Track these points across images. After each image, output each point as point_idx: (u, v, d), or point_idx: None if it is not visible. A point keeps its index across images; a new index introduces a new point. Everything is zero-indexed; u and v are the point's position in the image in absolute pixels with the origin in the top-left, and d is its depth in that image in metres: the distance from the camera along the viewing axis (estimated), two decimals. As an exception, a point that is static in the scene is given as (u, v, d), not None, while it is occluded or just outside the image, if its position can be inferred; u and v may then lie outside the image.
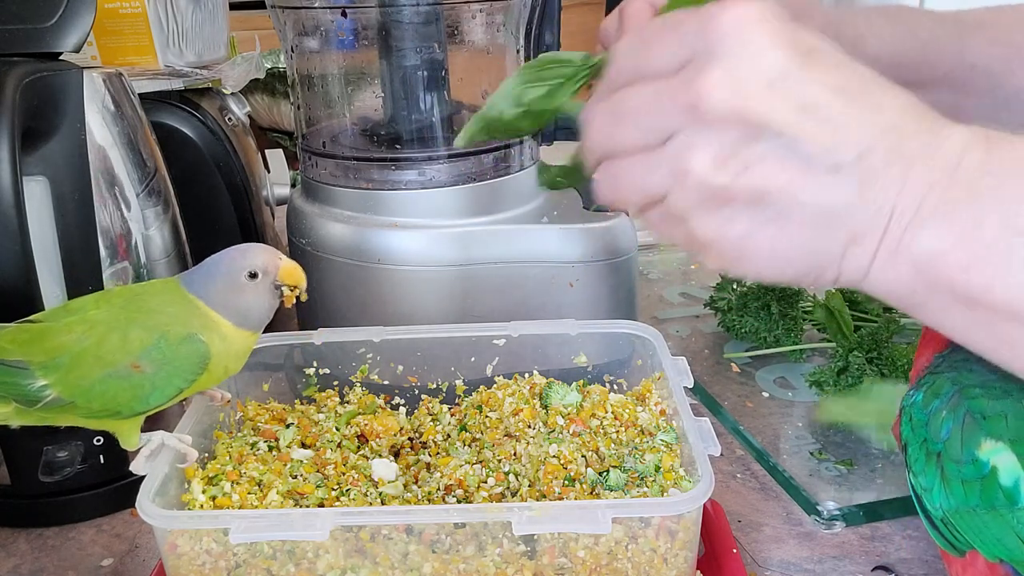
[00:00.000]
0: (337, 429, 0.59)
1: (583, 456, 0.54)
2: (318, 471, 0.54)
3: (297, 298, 0.52)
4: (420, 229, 0.71)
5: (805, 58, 0.32)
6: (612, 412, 0.59)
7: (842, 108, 0.32)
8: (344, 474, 0.54)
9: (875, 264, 0.33)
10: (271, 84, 1.47)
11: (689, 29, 0.33)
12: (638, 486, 0.52)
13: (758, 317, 0.84)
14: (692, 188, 0.33)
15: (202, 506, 0.51)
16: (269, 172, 0.97)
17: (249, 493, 0.52)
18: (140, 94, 0.69)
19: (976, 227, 0.31)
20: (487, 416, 0.60)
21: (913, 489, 0.47)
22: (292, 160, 0.98)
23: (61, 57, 0.61)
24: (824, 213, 0.33)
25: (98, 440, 0.62)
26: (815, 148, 0.32)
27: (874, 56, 0.53)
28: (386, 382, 0.65)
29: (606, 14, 0.81)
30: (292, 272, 0.52)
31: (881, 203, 0.32)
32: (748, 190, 0.33)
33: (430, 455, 0.58)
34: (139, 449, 0.51)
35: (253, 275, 0.51)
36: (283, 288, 0.52)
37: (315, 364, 0.65)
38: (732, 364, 0.83)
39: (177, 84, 0.85)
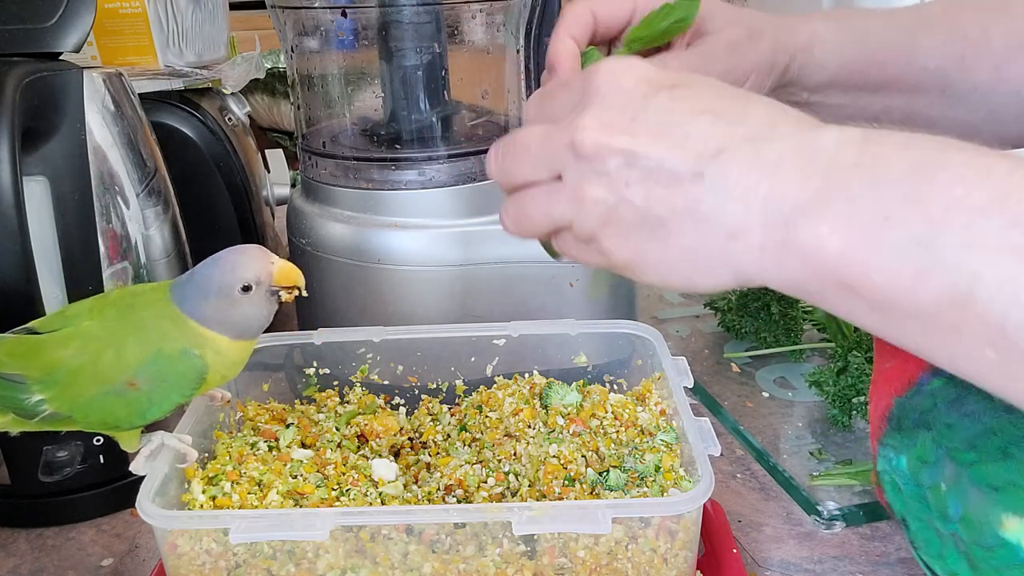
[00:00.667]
0: (337, 429, 0.59)
1: (583, 456, 0.54)
2: (318, 471, 0.54)
3: (299, 295, 0.51)
4: (420, 229, 0.71)
5: (667, 91, 0.38)
6: (612, 412, 0.59)
7: (699, 125, 0.36)
8: (344, 474, 0.54)
9: (765, 259, 0.35)
10: (271, 84, 1.47)
11: (576, 84, 0.40)
12: (638, 486, 0.52)
13: (758, 317, 0.84)
14: (590, 213, 0.38)
15: (202, 506, 0.51)
16: (269, 172, 0.97)
17: (249, 493, 0.52)
18: (140, 94, 0.69)
19: (850, 215, 0.33)
20: (487, 416, 0.60)
21: (927, 566, 0.43)
22: (292, 160, 0.98)
23: (61, 57, 0.61)
24: (697, 217, 0.36)
25: (98, 440, 0.62)
26: (676, 161, 0.36)
27: (820, 64, 0.54)
28: (386, 382, 0.65)
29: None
30: (288, 274, 0.50)
31: (750, 200, 0.35)
32: (631, 207, 0.37)
33: (430, 455, 0.58)
34: (139, 449, 0.51)
35: (247, 288, 0.48)
36: (280, 293, 0.50)
37: (315, 364, 0.65)
38: (732, 364, 0.83)
39: (177, 84, 0.85)
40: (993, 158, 0.31)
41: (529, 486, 0.52)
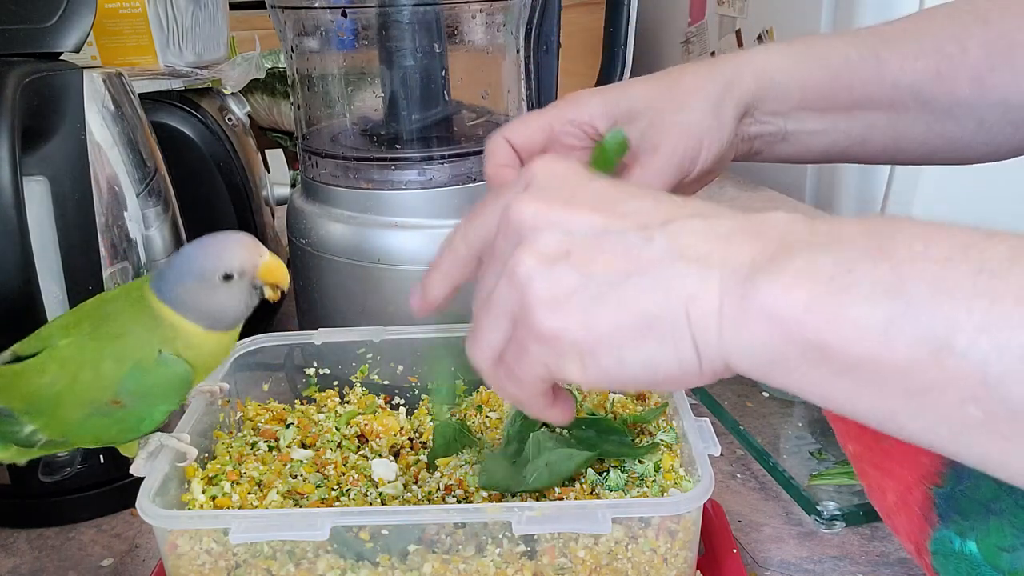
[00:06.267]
0: (337, 429, 0.59)
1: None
2: (318, 471, 0.54)
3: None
4: (420, 229, 0.71)
5: (600, 182, 0.38)
6: (612, 412, 0.59)
7: (642, 203, 0.35)
8: (344, 474, 0.54)
9: (725, 324, 0.32)
10: (271, 84, 1.47)
11: (519, 177, 0.39)
12: (638, 486, 0.52)
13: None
14: (527, 287, 0.35)
15: (202, 506, 0.51)
16: (269, 172, 0.97)
17: (249, 493, 0.52)
18: (140, 94, 0.69)
19: (812, 269, 0.31)
20: (487, 416, 0.60)
21: None
22: (292, 160, 0.98)
23: (61, 57, 0.61)
24: (648, 277, 0.33)
25: (98, 440, 0.62)
26: (621, 227, 0.34)
27: (784, 88, 0.53)
28: (386, 382, 0.65)
29: (606, 14, 0.81)
30: (274, 270, 0.47)
31: (706, 262, 0.33)
32: (573, 273, 0.34)
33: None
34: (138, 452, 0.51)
35: (228, 276, 0.46)
36: (264, 288, 0.47)
37: (315, 364, 0.65)
38: (732, 364, 0.83)
39: (177, 84, 0.85)
40: (944, 224, 0.30)
41: (529, 486, 0.52)
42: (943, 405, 0.29)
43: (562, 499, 0.51)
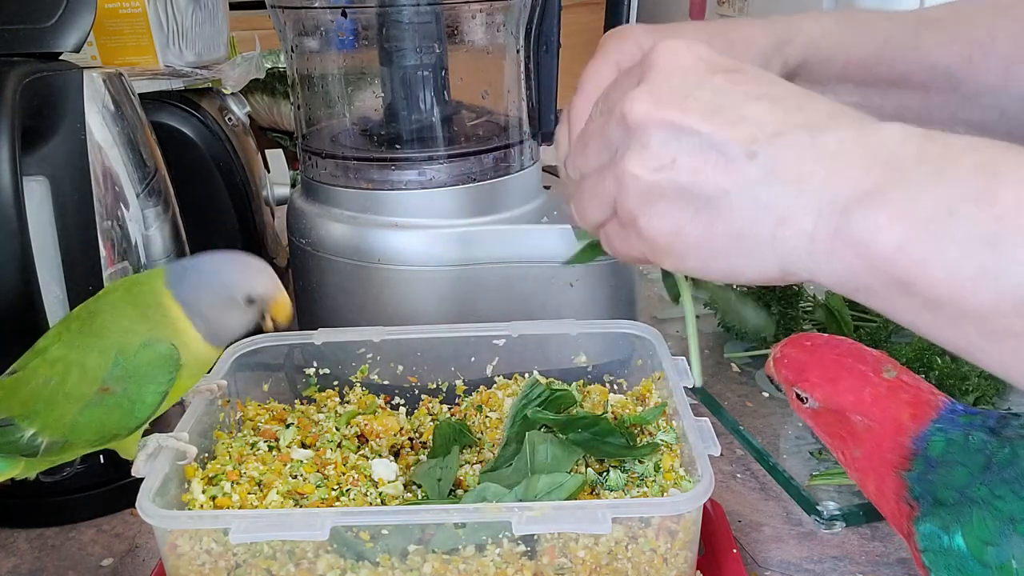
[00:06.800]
0: (337, 429, 0.59)
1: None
2: (318, 471, 0.54)
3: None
4: (420, 229, 0.71)
5: (723, 74, 0.37)
6: (612, 412, 0.59)
7: (755, 109, 0.35)
8: (344, 474, 0.54)
9: (815, 248, 0.34)
10: (271, 84, 1.47)
11: (635, 68, 0.39)
12: (638, 486, 0.52)
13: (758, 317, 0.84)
14: (630, 189, 0.37)
15: (202, 506, 0.51)
16: (269, 172, 0.97)
17: (249, 493, 0.52)
18: (140, 94, 0.69)
19: (912, 208, 0.31)
20: (487, 416, 0.60)
21: None
22: (292, 160, 0.98)
23: (61, 57, 0.61)
24: (745, 198, 0.35)
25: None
26: (727, 140, 0.35)
27: (828, 56, 0.54)
28: (386, 382, 0.65)
29: (606, 14, 0.81)
30: (285, 307, 0.50)
31: (805, 186, 0.34)
32: (674, 184, 0.36)
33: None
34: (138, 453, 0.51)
35: (251, 300, 0.48)
36: (267, 319, 0.50)
37: (315, 364, 0.65)
38: (732, 364, 0.83)
39: (177, 84, 0.85)
40: None
41: (529, 486, 0.52)
42: (1021, 351, 0.30)
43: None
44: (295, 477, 0.53)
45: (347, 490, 0.52)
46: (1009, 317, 0.30)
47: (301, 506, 0.51)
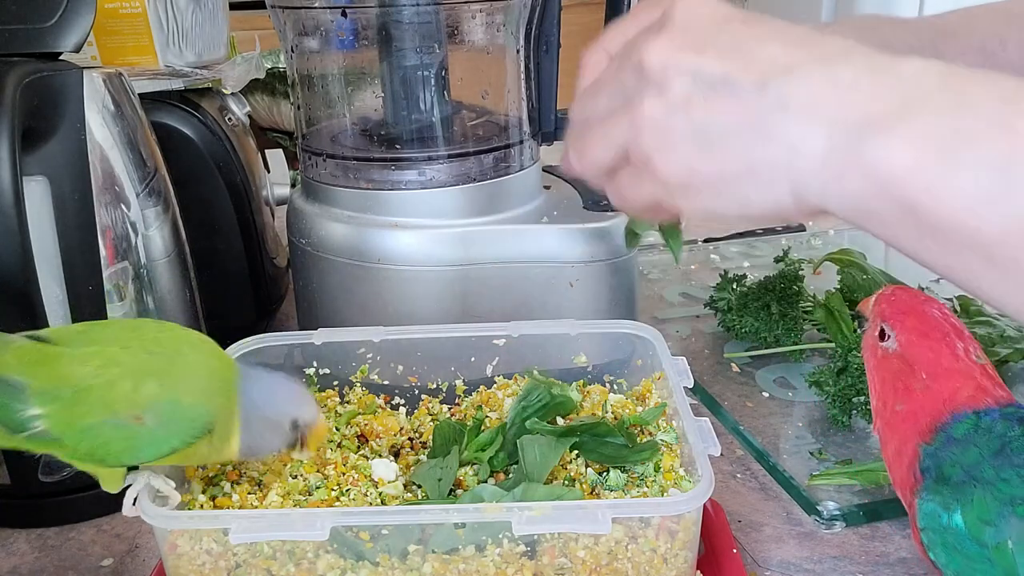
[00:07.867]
0: (337, 429, 0.59)
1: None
2: (318, 471, 0.54)
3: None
4: (420, 229, 0.71)
5: (740, 22, 0.38)
6: (612, 412, 0.59)
7: (769, 48, 0.36)
8: (344, 474, 0.54)
9: (827, 173, 0.34)
10: (271, 84, 1.47)
11: (654, 24, 0.40)
12: (638, 486, 0.52)
13: (758, 317, 0.84)
14: (646, 131, 0.38)
15: (202, 506, 0.51)
16: (269, 172, 0.97)
17: (249, 493, 0.52)
18: (140, 94, 0.69)
19: (926, 132, 0.31)
20: (487, 416, 0.60)
21: None
22: (292, 160, 0.98)
23: (61, 57, 0.61)
24: (758, 130, 0.35)
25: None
26: (739, 75, 0.36)
27: None
28: (386, 382, 0.65)
29: (606, 14, 0.81)
30: (321, 436, 0.51)
31: (817, 113, 0.34)
32: (690, 122, 0.37)
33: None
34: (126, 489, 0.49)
35: (295, 425, 0.49)
36: (296, 449, 0.50)
37: (315, 364, 0.65)
38: (732, 364, 0.83)
39: (177, 84, 0.85)
40: None
41: (529, 486, 0.52)
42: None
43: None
44: (295, 477, 0.53)
45: (347, 490, 0.52)
46: (1014, 247, 0.30)
47: (301, 506, 0.51)
